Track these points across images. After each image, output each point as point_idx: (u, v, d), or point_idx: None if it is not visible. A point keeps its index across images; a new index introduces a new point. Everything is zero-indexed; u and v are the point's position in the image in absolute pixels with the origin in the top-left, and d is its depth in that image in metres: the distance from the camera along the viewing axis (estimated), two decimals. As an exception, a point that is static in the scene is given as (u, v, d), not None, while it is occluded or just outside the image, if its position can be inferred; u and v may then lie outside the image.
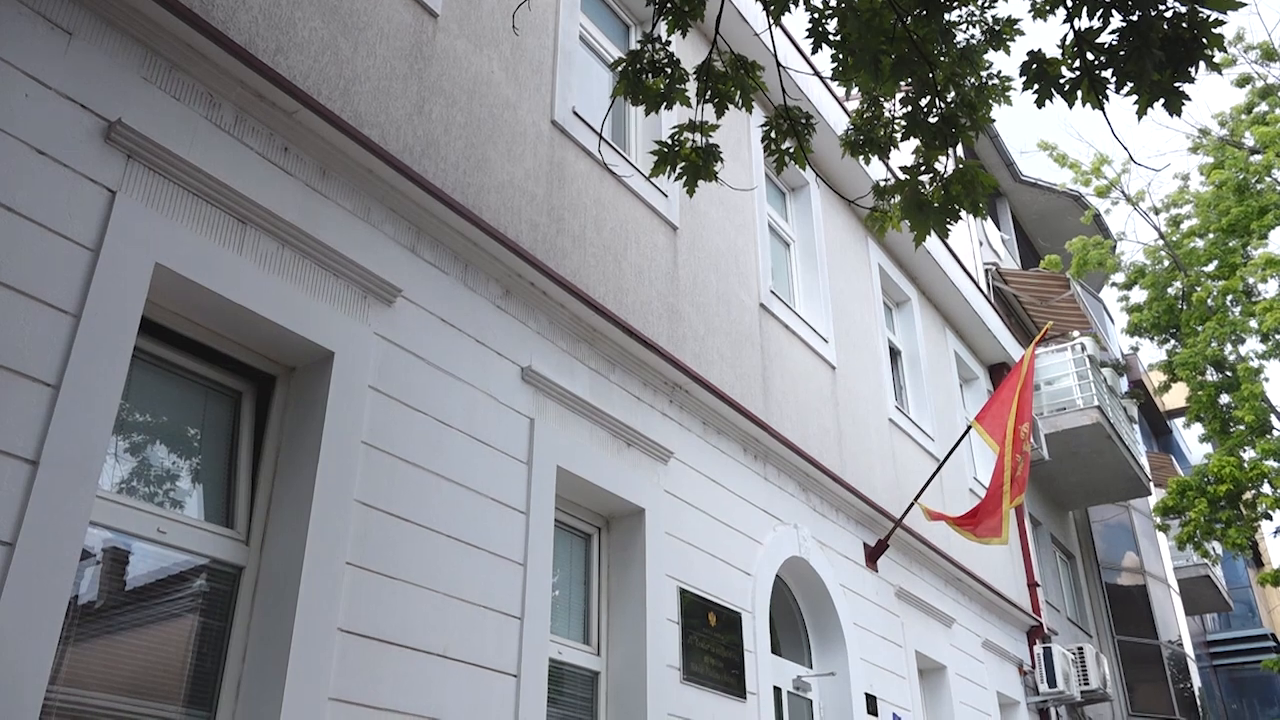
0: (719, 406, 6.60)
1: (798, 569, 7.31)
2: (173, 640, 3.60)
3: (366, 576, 3.94)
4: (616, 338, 5.77)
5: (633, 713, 5.24)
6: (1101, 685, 12.37)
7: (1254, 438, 14.46)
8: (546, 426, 5.14)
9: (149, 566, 3.58)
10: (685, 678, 5.61)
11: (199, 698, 3.55)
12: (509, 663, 4.47)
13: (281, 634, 3.60)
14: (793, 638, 7.48)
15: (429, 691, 4.04)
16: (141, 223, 3.48)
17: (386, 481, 4.15)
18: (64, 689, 3.18)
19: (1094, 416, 14.65)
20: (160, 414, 3.82)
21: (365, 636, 3.85)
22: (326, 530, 3.81)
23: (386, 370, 4.31)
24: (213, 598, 3.71)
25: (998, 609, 10.99)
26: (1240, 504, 15.00)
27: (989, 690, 10.08)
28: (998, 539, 8.58)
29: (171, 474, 3.79)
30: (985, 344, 13.03)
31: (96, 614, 3.40)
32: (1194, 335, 15.03)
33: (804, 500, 7.58)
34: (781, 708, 6.84)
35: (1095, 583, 17.39)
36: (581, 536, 5.68)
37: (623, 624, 5.48)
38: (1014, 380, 8.84)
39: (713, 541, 6.26)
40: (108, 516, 3.39)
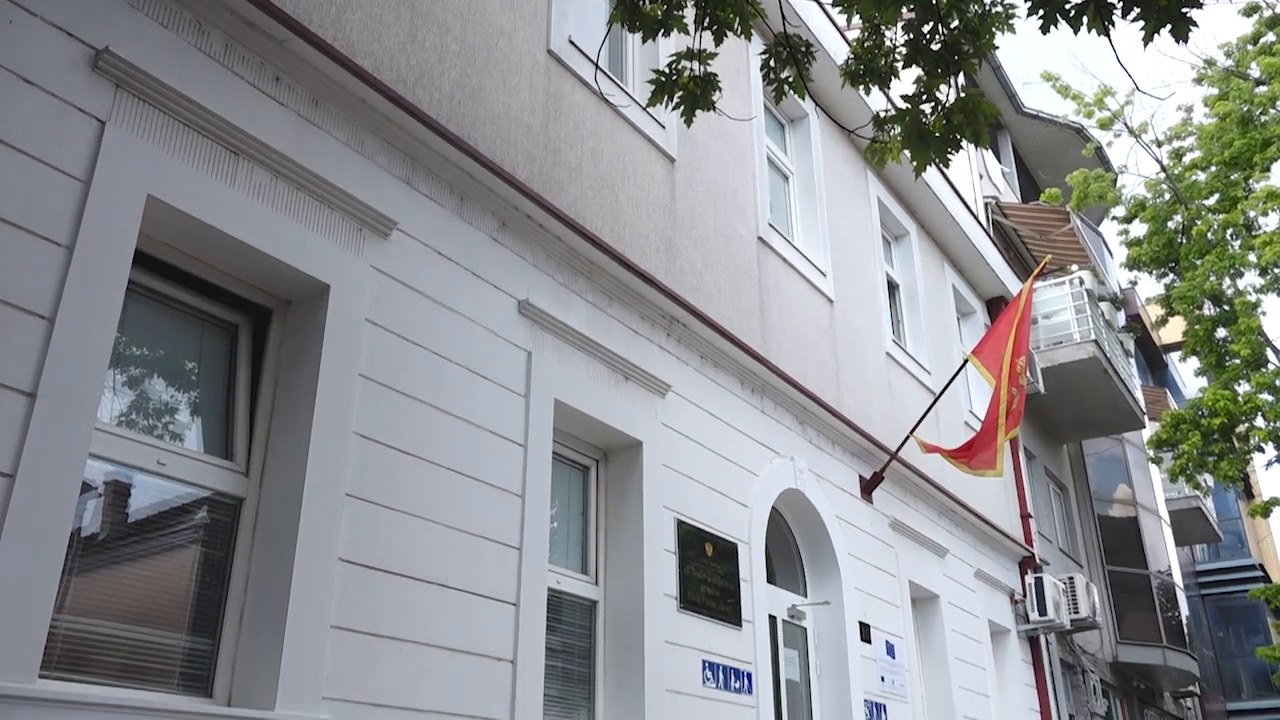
0: (716, 340, 6.61)
1: (794, 501, 7.39)
2: (175, 570, 3.64)
3: (366, 508, 3.97)
4: (614, 271, 5.75)
5: (630, 641, 5.33)
6: (1091, 614, 12.58)
7: (1249, 371, 14.53)
8: (544, 360, 5.15)
9: (150, 499, 3.61)
10: (682, 606, 5.70)
11: (203, 626, 3.61)
12: (508, 592, 4.53)
13: (283, 564, 3.64)
14: (788, 568, 7.59)
15: (429, 620, 4.10)
16: (132, 153, 3.44)
17: (385, 414, 4.17)
18: (69, 617, 3.22)
19: (1090, 350, 14.68)
20: (157, 347, 3.82)
21: (365, 566, 3.90)
22: (325, 462, 3.83)
23: (383, 303, 4.30)
24: (214, 529, 3.75)
25: (991, 540, 11.13)
26: (1233, 437, 15.12)
27: (980, 618, 10.26)
28: (992, 471, 8.66)
29: (170, 407, 3.80)
30: (983, 278, 13.00)
31: (100, 545, 3.44)
32: (1193, 269, 15.00)
33: (800, 433, 7.63)
34: (776, 635, 6.96)
35: (1087, 514, 17.59)
36: (579, 469, 5.72)
37: (620, 554, 5.55)
38: (1011, 314, 8.84)
39: (710, 474, 6.31)
40: (107, 448, 3.41)
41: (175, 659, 3.51)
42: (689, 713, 5.50)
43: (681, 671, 5.54)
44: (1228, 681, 27.84)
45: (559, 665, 5.09)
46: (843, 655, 7.34)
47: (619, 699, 5.25)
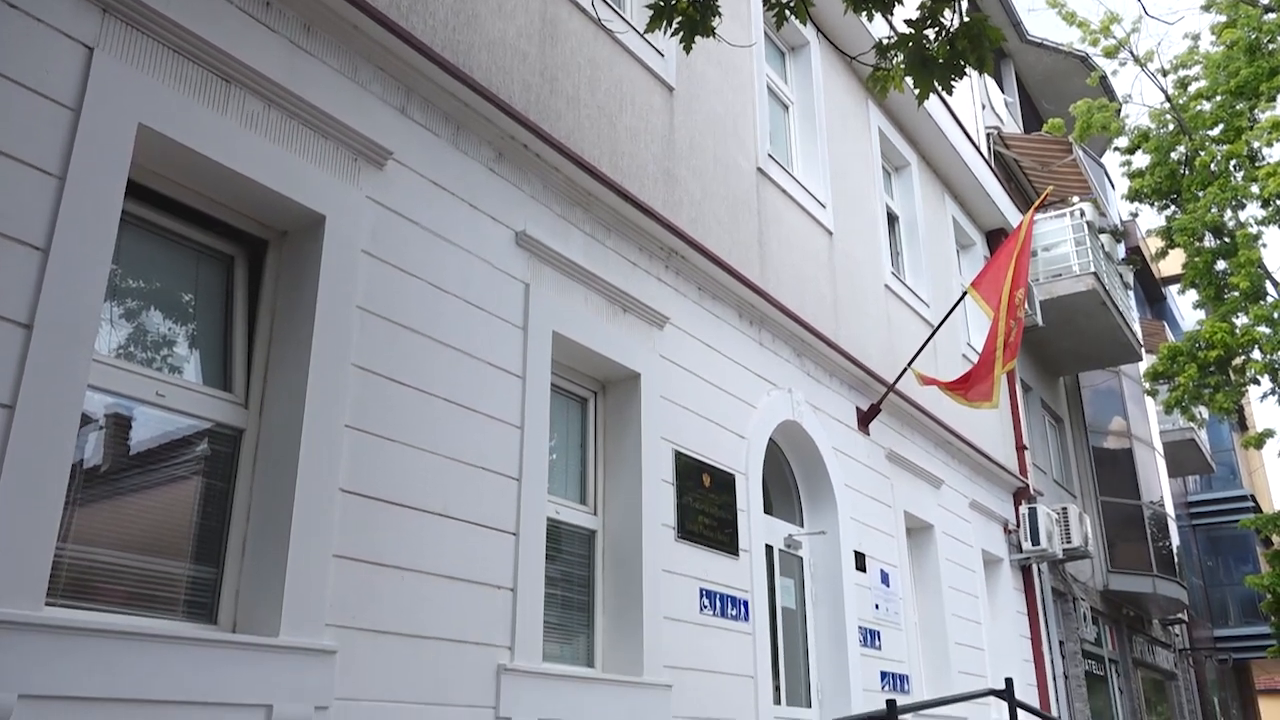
0: (715, 272, 6.58)
1: (791, 432, 7.43)
2: (178, 501, 3.67)
3: (365, 439, 3.99)
4: (612, 202, 5.70)
5: (629, 569, 5.40)
6: (1083, 543, 12.75)
7: (1247, 304, 14.53)
8: (542, 291, 5.13)
9: (151, 430, 3.63)
10: (680, 536, 5.77)
11: (206, 555, 3.65)
12: (507, 521, 4.58)
13: (284, 494, 3.67)
14: (785, 498, 7.66)
15: (430, 549, 4.15)
16: (122, 81, 3.38)
17: (383, 346, 4.17)
18: (74, 547, 3.26)
19: (1089, 283, 14.64)
20: (153, 279, 3.80)
21: (366, 496, 3.93)
22: (324, 394, 3.84)
23: (379, 234, 4.27)
24: (214, 460, 3.77)
25: (986, 471, 11.23)
26: (1229, 369, 15.18)
27: (974, 548, 10.40)
28: (988, 403, 8.69)
29: (167, 339, 3.80)
30: (984, 209, 12.91)
31: (103, 477, 3.46)
32: (1194, 201, 14.90)
33: (798, 365, 7.64)
34: (773, 564, 7.06)
35: (1082, 446, 17.73)
36: (578, 400, 5.74)
37: (619, 485, 5.60)
38: (1011, 246, 8.79)
39: (707, 405, 6.34)
40: (106, 380, 3.41)
41: (180, 587, 3.56)
42: (686, 639, 5.60)
43: (679, 599, 5.63)
44: (1215, 609, 28.34)
45: (558, 593, 5.16)
46: (838, 584, 7.45)
47: (617, 626, 5.34)
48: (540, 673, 4.53)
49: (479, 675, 4.23)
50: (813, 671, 7.26)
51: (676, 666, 5.44)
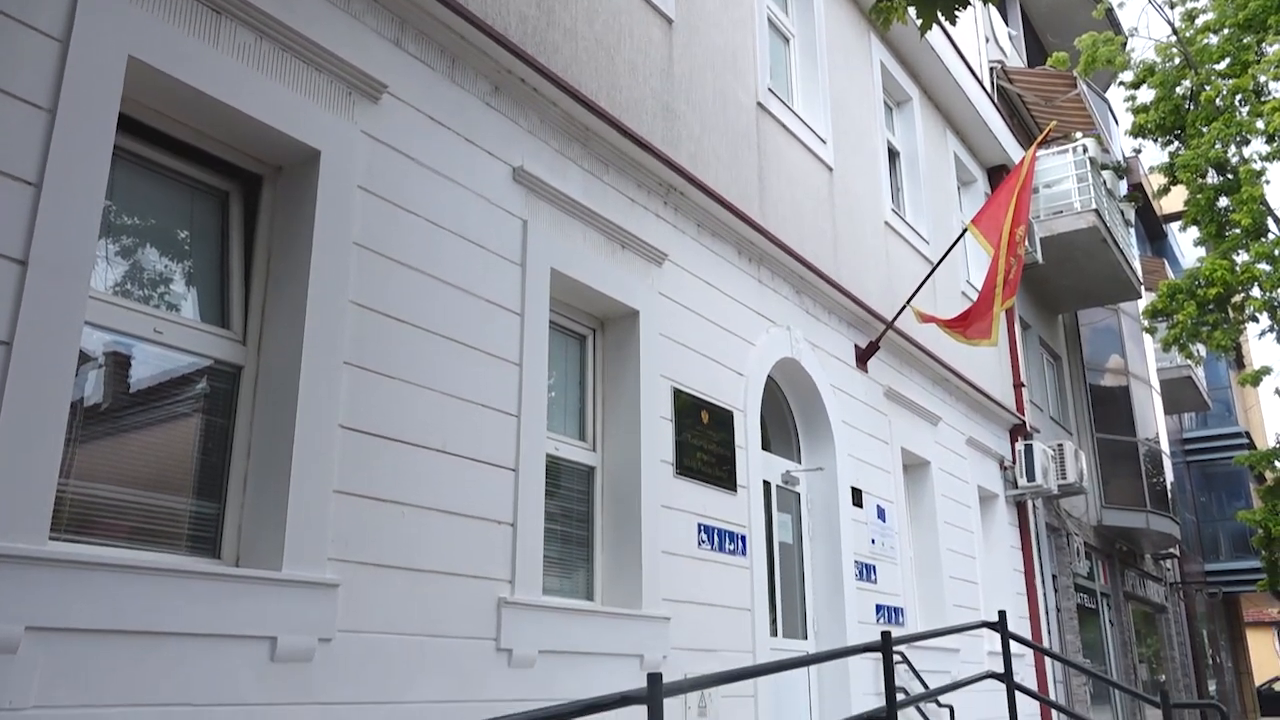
0: (714, 209, 6.53)
1: (789, 369, 7.44)
2: (179, 437, 3.69)
3: (364, 375, 4.00)
4: (610, 137, 5.64)
5: (628, 504, 5.45)
6: (1078, 479, 12.86)
7: (1249, 241, 14.46)
8: (539, 228, 5.10)
9: (150, 368, 3.63)
10: (678, 472, 5.81)
11: (208, 490, 3.68)
12: (507, 458, 4.61)
13: (284, 431, 3.69)
14: (782, 435, 7.71)
15: (430, 484, 4.18)
16: (110, 12, 3.31)
17: (380, 283, 4.15)
18: (77, 482, 3.28)
19: (1091, 220, 14.57)
20: (148, 216, 3.77)
21: (366, 433, 3.95)
22: (323, 331, 3.84)
23: (375, 170, 4.23)
24: (214, 397, 3.78)
25: (983, 408, 11.29)
26: (1228, 307, 15.17)
27: (970, 484, 10.49)
28: (987, 341, 8.70)
29: (164, 276, 3.78)
30: (986, 145, 12.78)
31: (104, 414, 3.47)
32: (1198, 136, 14.75)
33: (797, 302, 7.63)
34: (770, 500, 7.12)
35: (1079, 383, 17.80)
36: (576, 338, 5.74)
37: (617, 421, 5.63)
38: (1013, 182, 8.72)
39: (706, 342, 6.34)
40: (103, 317, 3.40)
41: (182, 522, 3.59)
42: (684, 573, 5.67)
43: (677, 534, 5.69)
44: (1207, 543, 28.70)
45: (558, 528, 5.21)
46: (834, 519, 7.53)
47: (616, 560, 5.40)
48: (540, 605, 4.60)
49: (480, 608, 4.29)
50: (809, 604, 7.37)
51: (675, 599, 5.52)
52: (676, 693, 3.52)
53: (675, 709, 5.28)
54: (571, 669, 4.68)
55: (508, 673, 4.35)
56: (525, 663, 4.43)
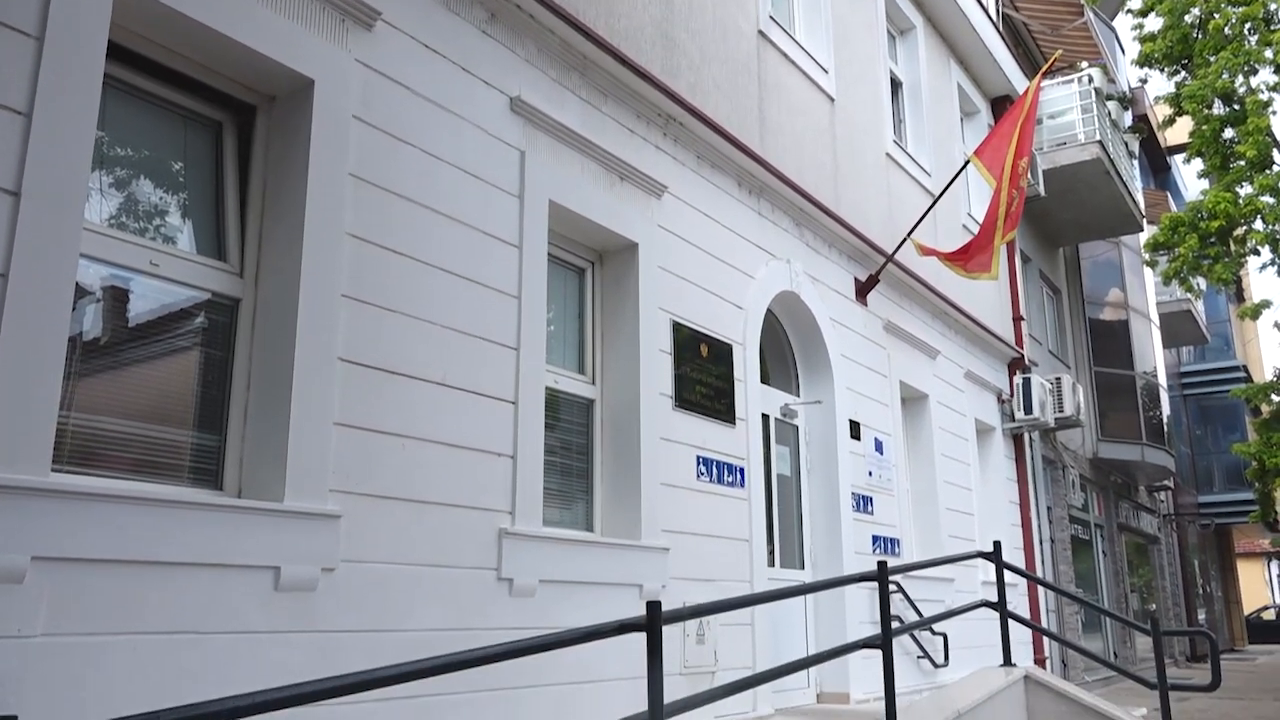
0: (714, 140, 6.46)
1: (789, 302, 7.43)
2: (178, 370, 3.69)
3: (362, 308, 3.98)
4: (608, 66, 5.55)
5: (627, 437, 5.48)
6: (1075, 412, 12.93)
7: (1253, 173, 14.33)
8: (537, 159, 5.04)
9: (148, 301, 3.61)
10: (677, 405, 5.83)
11: (209, 423, 3.69)
12: (506, 390, 4.62)
13: (283, 363, 3.69)
14: (781, 368, 7.72)
15: (430, 417, 4.19)
16: (96, -65, 3.23)
17: (377, 215, 4.12)
18: (78, 415, 3.29)
19: (1094, 152, 14.42)
20: (141, 147, 3.72)
21: (365, 365, 3.95)
22: (320, 263, 3.82)
23: (370, 99, 4.16)
24: (213, 329, 3.77)
25: (982, 341, 11.29)
26: (1230, 240, 15.09)
27: (968, 417, 10.54)
28: (987, 274, 8.67)
29: (159, 209, 3.75)
30: (990, 75, 12.59)
31: (103, 348, 3.47)
32: (1206, 66, 14.53)
33: (797, 235, 7.58)
34: (769, 433, 7.16)
35: (1079, 317, 17.79)
36: (575, 270, 5.72)
37: (616, 355, 5.63)
38: (1016, 113, 8.61)
39: (705, 275, 6.31)
40: (98, 249, 3.38)
41: (184, 454, 3.61)
42: (683, 504, 5.72)
43: (676, 467, 5.73)
44: (1201, 476, 28.97)
45: (558, 461, 5.25)
46: (832, 451, 7.58)
47: (616, 492, 5.45)
48: (540, 536, 4.65)
49: (481, 539, 4.34)
50: (806, 535, 7.45)
51: (674, 530, 5.58)
52: (675, 620, 3.57)
53: (674, 636, 5.37)
54: (571, 598, 4.75)
55: (509, 602, 4.41)
56: (526, 592, 4.49)
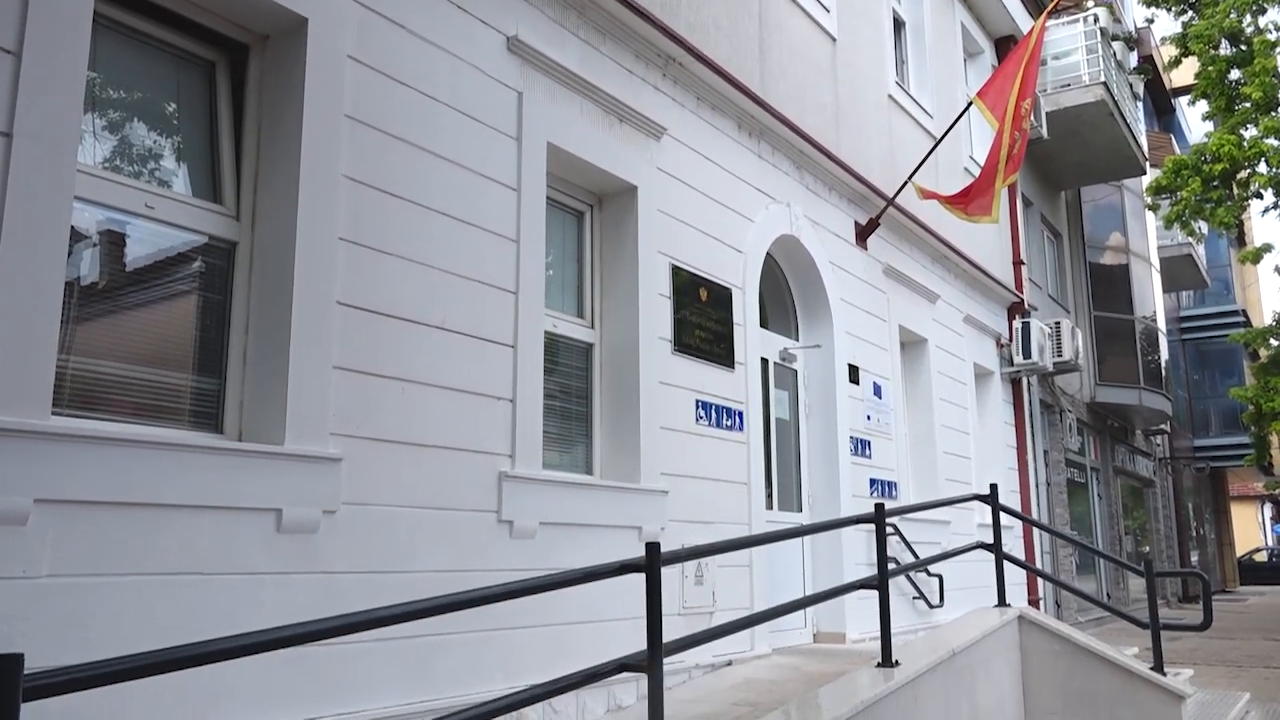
0: (714, 81, 6.37)
1: (788, 246, 7.39)
2: (177, 314, 3.68)
3: (360, 252, 3.96)
4: (607, 4, 5.45)
5: (626, 381, 5.49)
6: (1073, 357, 12.94)
7: (1258, 115, 14.19)
8: (535, 101, 4.98)
9: (144, 245, 3.59)
10: (676, 349, 5.83)
11: (208, 367, 3.69)
12: (505, 334, 4.61)
13: (281, 307, 3.68)
14: (781, 312, 7.71)
15: (429, 361, 4.19)
16: None
17: (374, 157, 4.08)
18: (77, 359, 3.29)
19: (1098, 94, 14.25)
20: (133, 88, 3.67)
21: (363, 309, 3.94)
22: (316, 206, 3.79)
23: (365, 39, 4.10)
24: (210, 273, 3.75)
25: (981, 286, 11.27)
26: (1233, 183, 14.99)
27: (966, 361, 10.56)
28: (988, 217, 8.62)
29: (153, 151, 3.71)
30: (994, 15, 12.40)
31: (101, 292, 3.45)
32: (1213, 5, 14.30)
33: (797, 178, 7.52)
34: (768, 377, 7.17)
35: (1079, 261, 17.73)
36: (574, 214, 5.68)
37: (615, 299, 5.62)
38: (1020, 54, 8.50)
39: (705, 219, 6.27)
40: (92, 191, 3.35)
41: (184, 398, 3.61)
42: (682, 448, 5.75)
43: (675, 410, 5.75)
44: (1198, 420, 29.11)
45: (557, 404, 5.26)
46: (831, 395, 7.60)
47: (615, 435, 5.47)
48: (540, 479, 4.68)
49: (481, 481, 4.37)
50: (804, 478, 7.50)
51: (673, 474, 5.61)
52: (674, 561, 3.61)
53: (673, 578, 5.43)
54: (572, 540, 4.80)
55: (509, 543, 4.46)
56: (526, 534, 4.53)
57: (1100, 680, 5.90)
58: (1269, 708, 8.33)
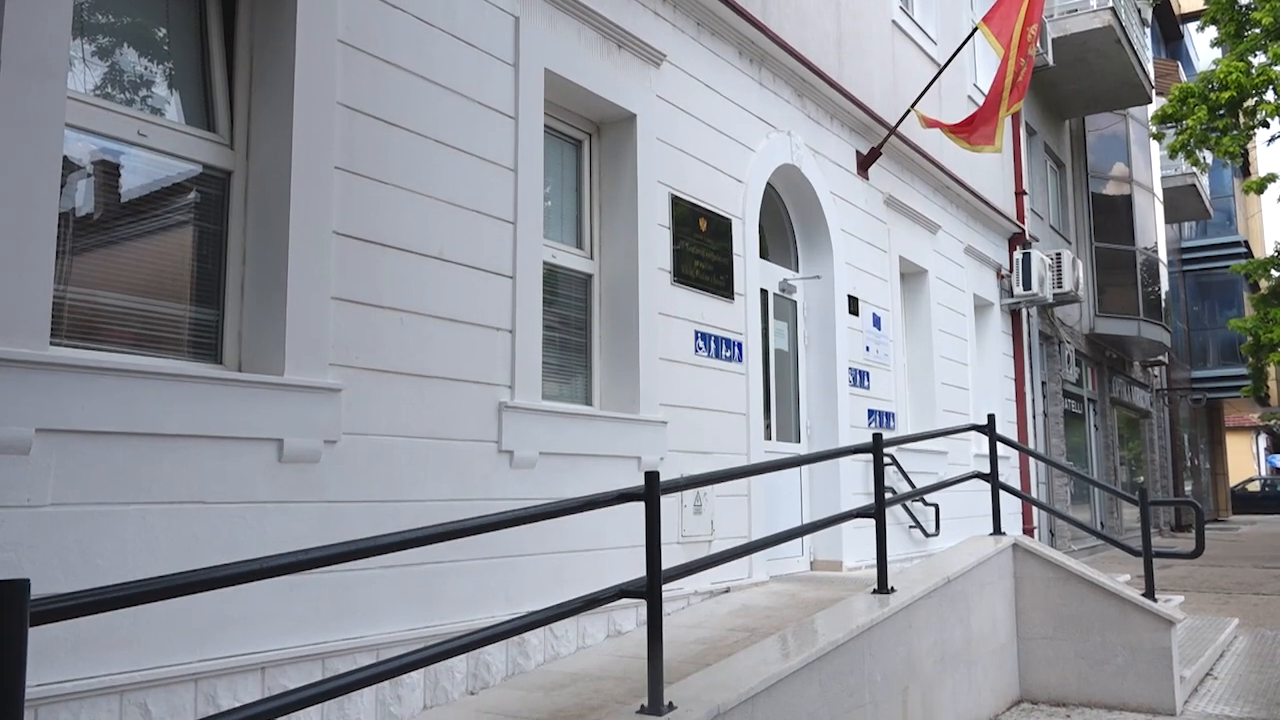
0: (714, 5, 6.24)
1: (789, 176, 7.32)
2: (173, 244, 3.66)
3: (356, 181, 3.92)
4: (605, -74, 5.32)
5: (625, 311, 5.48)
6: (1074, 288, 12.92)
7: (1268, 42, 13.96)
8: (533, 26, 4.89)
9: (139, 176, 3.55)
10: (675, 279, 5.81)
11: (206, 297, 3.68)
12: (504, 265, 4.59)
13: (278, 237, 3.65)
14: (781, 243, 7.67)
15: (428, 291, 4.18)
16: None
17: (368, 83, 4.01)
18: (75, 289, 3.27)
19: (1106, 19, 13.99)
20: (122, 13, 3.60)
21: (361, 239, 3.91)
22: (311, 134, 3.74)
23: (357, -39, 4.00)
24: (205, 203, 3.72)
25: (983, 216, 11.19)
26: (1240, 112, 14.81)
27: (966, 293, 10.53)
28: (990, 147, 8.53)
29: (144, 78, 3.64)
30: (1001, -63, 12.10)
31: (97, 223, 3.42)
32: (1226, -73, 13.99)
33: (799, 107, 7.42)
34: (767, 308, 7.16)
35: (1082, 191, 17.59)
36: (572, 143, 5.61)
37: (614, 229, 5.58)
38: (1028, -23, 8.32)
39: (705, 148, 6.20)
40: (84, 118, 3.30)
41: (183, 328, 3.61)
42: (681, 378, 5.76)
43: (674, 341, 5.75)
44: (1196, 352, 29.17)
45: (556, 335, 5.26)
46: (830, 327, 7.60)
47: (614, 366, 5.48)
48: (540, 409, 4.69)
49: (481, 412, 4.38)
50: (802, 409, 7.54)
51: (672, 404, 5.63)
52: (672, 490, 3.64)
53: (672, 507, 5.48)
54: (572, 469, 4.83)
55: (510, 473, 4.49)
56: (526, 464, 4.56)
57: (1092, 606, 6.00)
58: (1257, 632, 8.49)
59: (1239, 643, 8.03)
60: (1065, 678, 6.04)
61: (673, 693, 3.36)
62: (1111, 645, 5.94)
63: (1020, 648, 6.15)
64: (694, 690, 3.44)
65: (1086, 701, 5.96)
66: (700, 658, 4.29)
